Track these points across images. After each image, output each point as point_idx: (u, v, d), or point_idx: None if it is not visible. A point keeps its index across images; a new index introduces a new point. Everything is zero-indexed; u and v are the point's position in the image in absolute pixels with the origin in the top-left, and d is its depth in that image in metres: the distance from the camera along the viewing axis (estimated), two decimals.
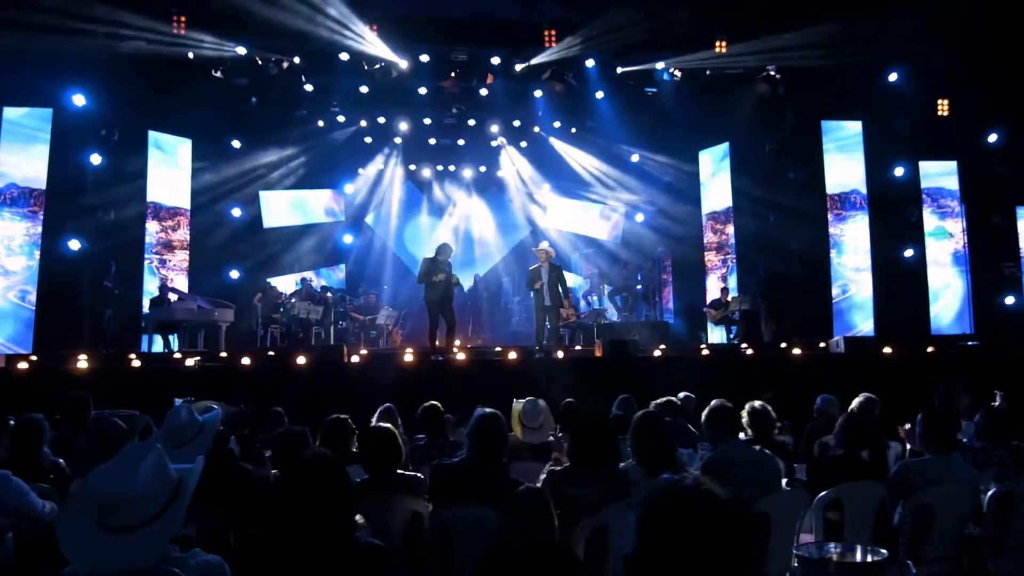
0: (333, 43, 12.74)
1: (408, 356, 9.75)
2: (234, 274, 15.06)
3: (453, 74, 13.78)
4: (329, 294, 14.74)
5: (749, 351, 10.78)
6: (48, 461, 4.38)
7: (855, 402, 5.36)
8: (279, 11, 12.05)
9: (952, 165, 14.30)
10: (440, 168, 18.02)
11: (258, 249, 15.75)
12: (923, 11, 12.06)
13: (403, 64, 13.23)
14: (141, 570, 1.79)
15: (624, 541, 3.23)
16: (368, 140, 16.68)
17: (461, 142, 17.02)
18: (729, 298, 14.04)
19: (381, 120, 15.90)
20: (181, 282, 13.89)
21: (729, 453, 3.64)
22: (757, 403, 4.81)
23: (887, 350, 10.06)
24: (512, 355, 9.95)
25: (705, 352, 10.73)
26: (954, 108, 13.95)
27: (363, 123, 15.96)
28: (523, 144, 17.29)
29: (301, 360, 9.49)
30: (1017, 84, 12.81)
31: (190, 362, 9.81)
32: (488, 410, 3.64)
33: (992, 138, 13.87)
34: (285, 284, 15.61)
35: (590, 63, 13.38)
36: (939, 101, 13.94)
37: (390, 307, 14.55)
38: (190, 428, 3.41)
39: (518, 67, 13.36)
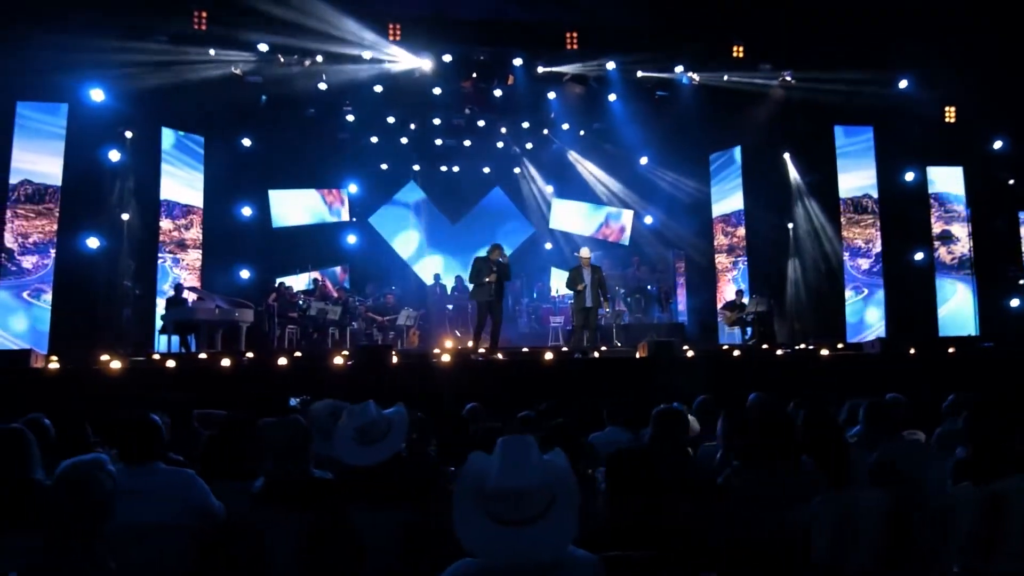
0: (355, 42, 12.64)
1: (446, 356, 9.71)
2: (244, 274, 14.87)
3: (474, 75, 13.74)
4: (348, 296, 14.60)
5: (778, 352, 10.93)
6: (171, 461, 4.30)
7: (949, 400, 5.46)
8: (301, 10, 11.94)
9: (958, 171, 14.66)
10: (446, 169, 17.95)
11: (267, 249, 15.56)
12: (932, 22, 12.45)
13: (425, 64, 13.16)
14: (552, 562, 1.78)
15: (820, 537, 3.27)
16: (375, 140, 16.55)
17: (468, 143, 16.96)
18: (743, 300, 14.23)
19: (390, 120, 15.80)
20: (193, 282, 13.65)
21: (896, 450, 3.70)
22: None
23: (912, 351, 10.28)
24: (549, 355, 9.94)
25: (736, 353, 10.82)
26: (960, 115, 14.32)
27: (372, 123, 15.85)
28: (530, 146, 17.33)
29: (339, 360, 9.40)
30: (1021, 93, 13.21)
31: (226, 362, 9.63)
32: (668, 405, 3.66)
33: (997, 145, 14.28)
34: (293, 284, 15.40)
35: (611, 66, 13.44)
36: (946, 109, 14.30)
37: (410, 308, 14.46)
38: (380, 424, 3.37)
39: (540, 69, 13.38)
